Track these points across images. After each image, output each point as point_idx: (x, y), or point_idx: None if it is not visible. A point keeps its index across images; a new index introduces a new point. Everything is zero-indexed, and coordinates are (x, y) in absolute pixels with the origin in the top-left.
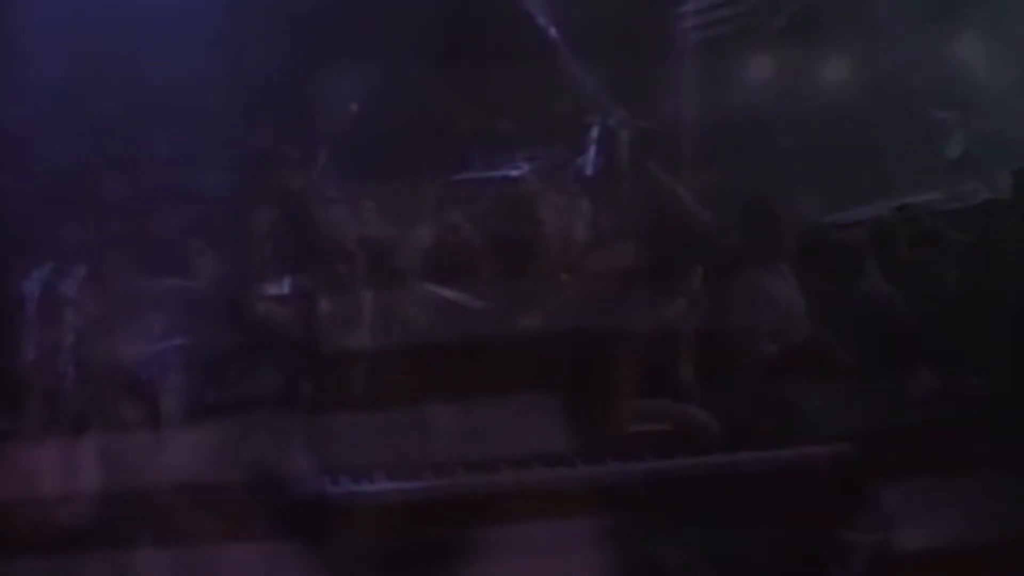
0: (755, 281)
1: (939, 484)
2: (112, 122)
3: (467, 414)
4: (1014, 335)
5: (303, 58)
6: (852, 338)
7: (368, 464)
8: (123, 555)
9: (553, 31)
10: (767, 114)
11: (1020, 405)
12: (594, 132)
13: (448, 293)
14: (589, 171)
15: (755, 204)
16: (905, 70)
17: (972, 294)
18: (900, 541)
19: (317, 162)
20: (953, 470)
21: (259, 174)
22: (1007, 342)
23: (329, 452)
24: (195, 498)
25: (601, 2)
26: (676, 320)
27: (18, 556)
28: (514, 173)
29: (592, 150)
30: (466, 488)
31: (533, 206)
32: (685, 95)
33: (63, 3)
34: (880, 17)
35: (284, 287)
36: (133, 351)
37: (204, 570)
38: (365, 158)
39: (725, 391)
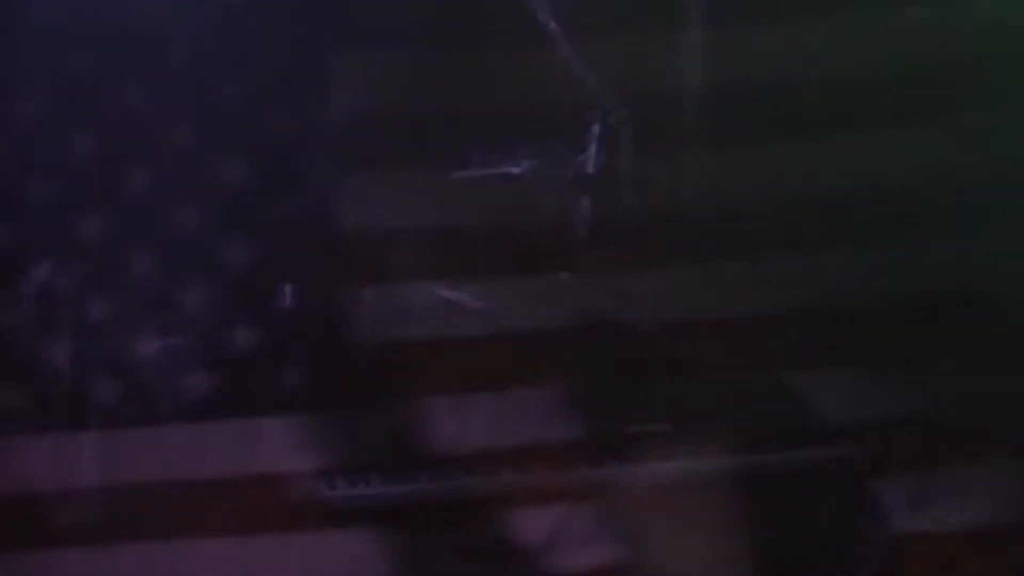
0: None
1: (939, 480)
2: (113, 117)
3: (466, 414)
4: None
5: (298, 54)
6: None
7: (365, 466)
8: (122, 554)
9: (554, 25)
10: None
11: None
12: (595, 129)
13: (448, 293)
14: (591, 169)
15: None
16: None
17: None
18: (899, 541)
19: (318, 156)
20: (952, 466)
21: (267, 168)
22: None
23: (326, 453)
24: (196, 497)
25: None
26: (677, 318)
27: (18, 555)
28: (515, 170)
29: (593, 147)
30: (465, 489)
31: (533, 204)
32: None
33: None
34: None
35: (285, 286)
36: (137, 349)
37: (203, 570)
38: (363, 154)
39: (729, 390)
